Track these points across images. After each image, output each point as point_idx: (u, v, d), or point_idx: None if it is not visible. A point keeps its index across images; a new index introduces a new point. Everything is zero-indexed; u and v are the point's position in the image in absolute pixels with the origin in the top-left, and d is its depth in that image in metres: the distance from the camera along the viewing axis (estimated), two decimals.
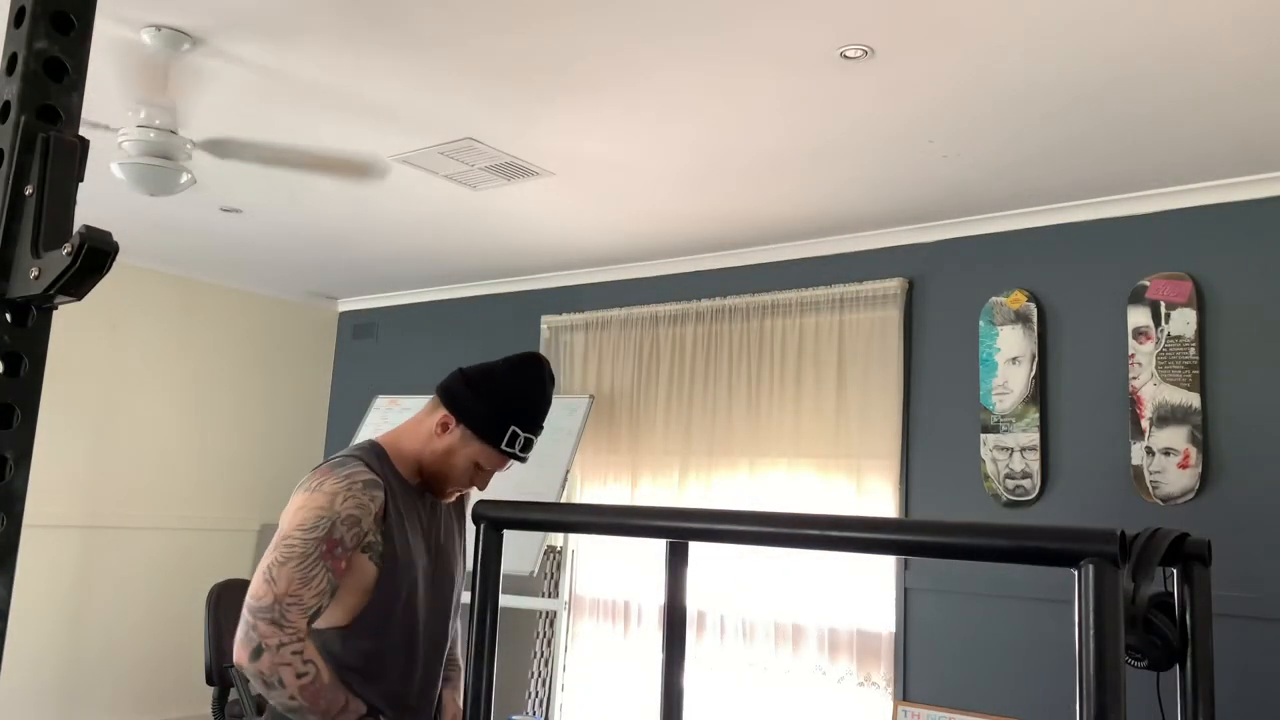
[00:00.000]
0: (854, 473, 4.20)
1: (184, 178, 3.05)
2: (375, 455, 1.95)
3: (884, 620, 4.05)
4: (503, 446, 1.92)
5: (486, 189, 4.00)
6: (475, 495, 4.53)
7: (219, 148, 3.70)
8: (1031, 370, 3.85)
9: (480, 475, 1.98)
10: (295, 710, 1.73)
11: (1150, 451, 3.54)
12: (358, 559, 1.85)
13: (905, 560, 4.02)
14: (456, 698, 2.13)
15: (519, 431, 1.92)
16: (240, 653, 1.70)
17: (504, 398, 1.92)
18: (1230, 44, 2.56)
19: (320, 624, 1.88)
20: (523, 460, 1.97)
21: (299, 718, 1.74)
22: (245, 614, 1.73)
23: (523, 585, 5.07)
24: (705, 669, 4.46)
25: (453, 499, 2.05)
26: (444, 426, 1.94)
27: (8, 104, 0.92)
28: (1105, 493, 3.66)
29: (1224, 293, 3.52)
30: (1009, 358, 3.91)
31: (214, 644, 4.04)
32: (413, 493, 1.98)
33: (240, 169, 3.93)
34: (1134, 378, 3.61)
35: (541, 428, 1.98)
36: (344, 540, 1.79)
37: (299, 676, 1.71)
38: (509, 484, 4.76)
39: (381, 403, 5.36)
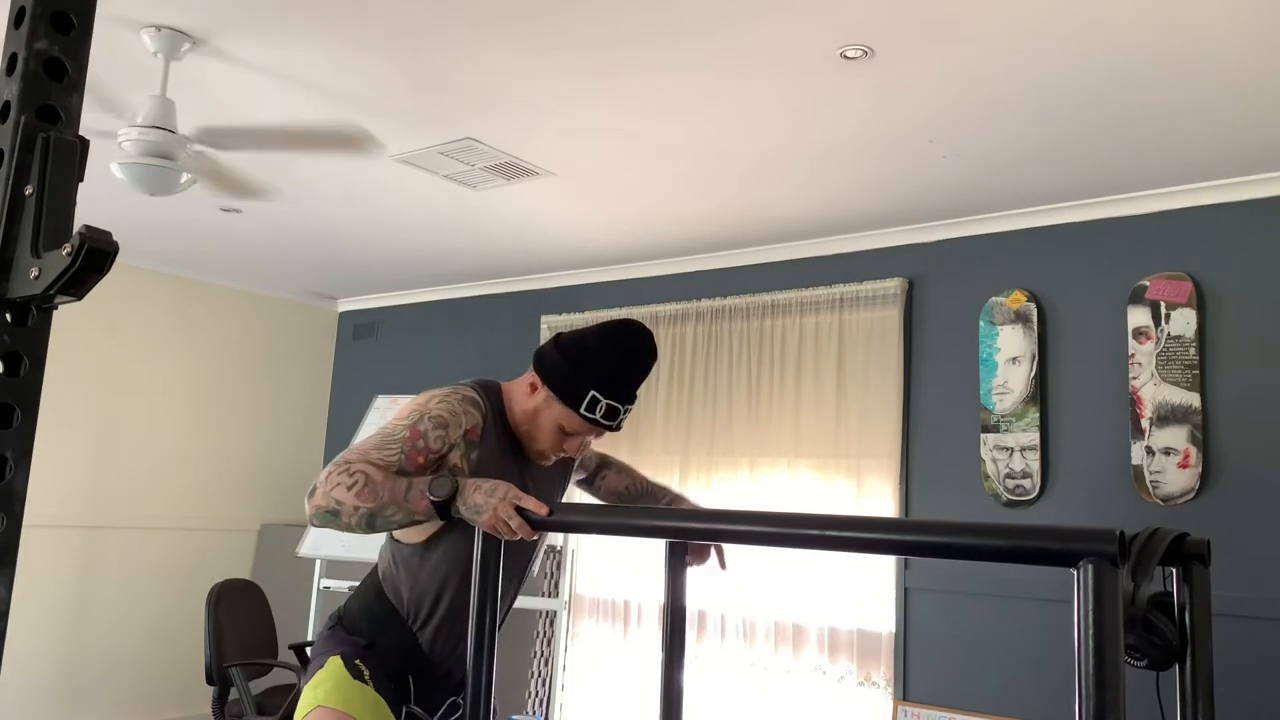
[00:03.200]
0: (854, 473, 4.20)
1: (184, 178, 3.05)
2: (490, 390, 1.98)
3: (884, 620, 4.05)
4: (582, 411, 1.88)
5: (486, 189, 4.01)
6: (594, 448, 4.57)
7: (219, 146, 3.70)
8: (1031, 370, 3.85)
9: (569, 441, 1.95)
10: (371, 517, 1.74)
11: (1150, 451, 3.54)
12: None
13: (905, 560, 4.02)
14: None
15: (600, 397, 1.88)
16: (307, 501, 1.78)
17: (587, 362, 1.89)
18: (1230, 45, 2.56)
19: (402, 538, 1.94)
20: (611, 428, 1.92)
21: (380, 521, 1.75)
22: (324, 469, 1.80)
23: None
24: (705, 669, 4.46)
25: (548, 462, 2.02)
26: (532, 387, 1.95)
27: (8, 104, 0.92)
28: (1105, 493, 3.66)
29: (1224, 293, 3.52)
30: (1009, 358, 3.91)
31: (214, 644, 4.04)
32: (515, 441, 1.99)
33: (240, 167, 3.93)
34: (1134, 378, 3.61)
35: (631, 397, 1.92)
36: (427, 435, 1.84)
37: (350, 488, 1.74)
38: None
39: (382, 403, 5.36)
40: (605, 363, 1.89)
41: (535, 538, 1.80)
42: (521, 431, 1.97)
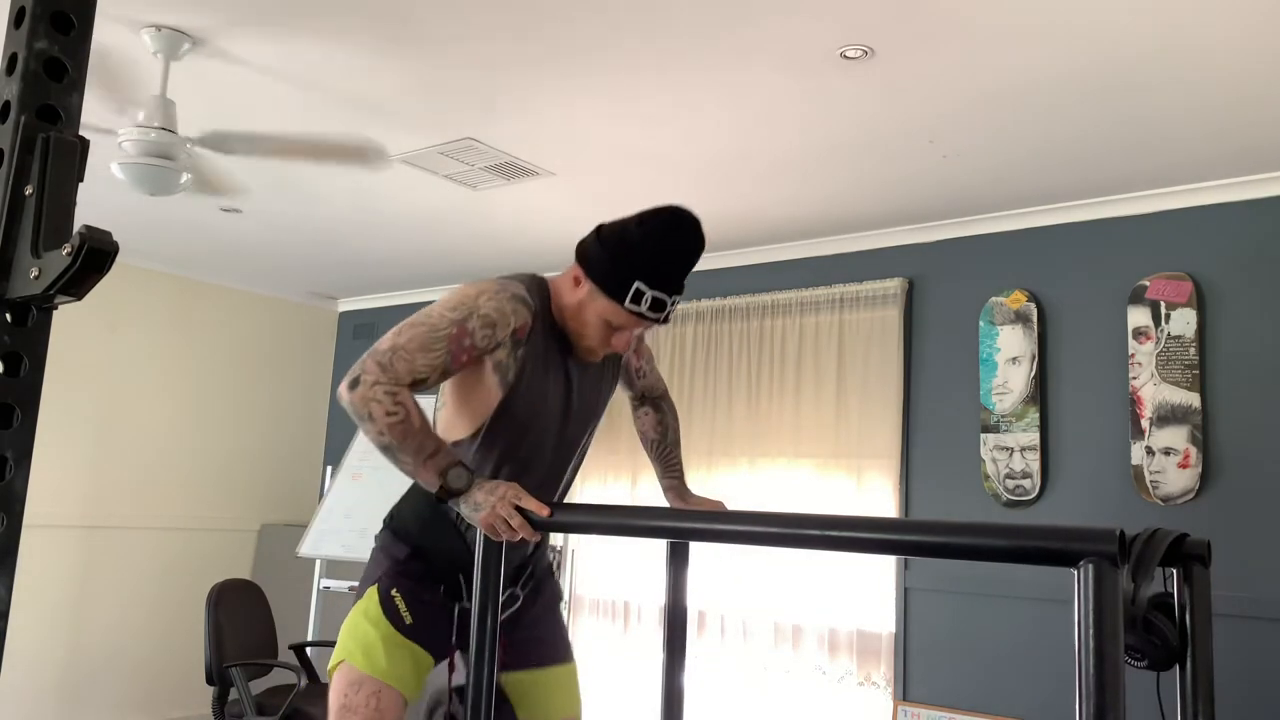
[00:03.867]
0: (854, 472, 4.21)
1: (184, 178, 3.05)
2: (539, 286, 1.92)
3: (884, 620, 4.05)
4: (626, 304, 1.81)
5: (486, 189, 4.01)
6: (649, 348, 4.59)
7: (219, 147, 3.70)
8: (1031, 370, 3.85)
9: (616, 336, 1.88)
10: (386, 449, 1.75)
11: (1150, 451, 3.54)
12: (486, 374, 1.86)
13: (905, 560, 4.02)
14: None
15: (644, 289, 1.79)
16: (342, 384, 1.75)
17: (629, 252, 1.81)
18: (1230, 45, 2.56)
19: (449, 434, 1.94)
20: (658, 321, 1.85)
21: (391, 458, 1.76)
22: (363, 357, 1.77)
23: None
24: (705, 669, 4.46)
25: (596, 359, 1.97)
26: (575, 281, 1.88)
27: (8, 104, 0.92)
28: (1105, 493, 3.66)
29: (1224, 293, 3.52)
30: (1009, 358, 3.91)
31: (214, 644, 4.04)
32: (565, 338, 1.93)
33: (241, 168, 3.93)
34: (1134, 378, 3.61)
35: (678, 287, 1.83)
36: (474, 334, 1.79)
37: (388, 414, 1.72)
38: None
39: None
40: (648, 252, 1.80)
41: (536, 539, 1.78)
42: (569, 328, 1.90)
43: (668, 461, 2.25)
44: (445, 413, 1.97)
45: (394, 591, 1.93)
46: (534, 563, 2.11)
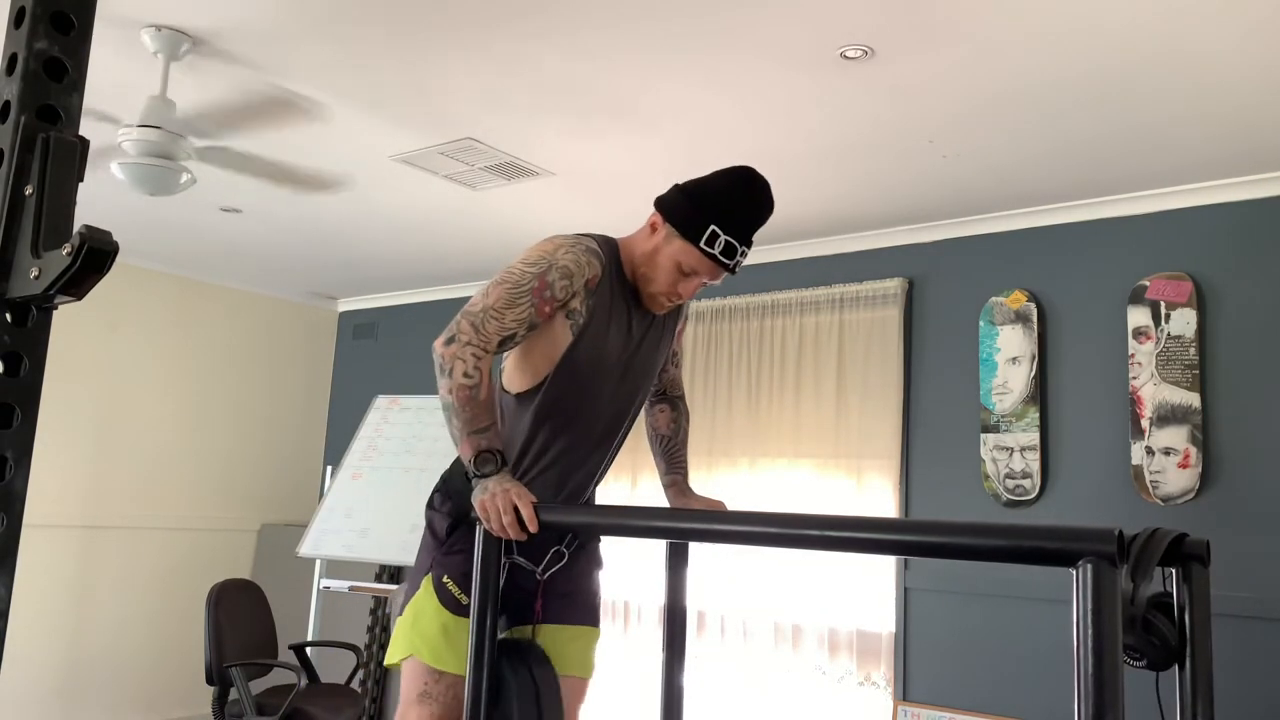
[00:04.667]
0: (854, 472, 4.21)
1: (184, 178, 3.05)
2: (609, 243, 2.03)
3: (884, 620, 4.05)
4: (701, 244, 1.92)
5: (486, 189, 4.01)
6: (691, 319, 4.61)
7: (218, 147, 3.70)
8: (1031, 370, 3.85)
9: (685, 282, 1.98)
10: (446, 408, 1.85)
11: (1150, 451, 3.55)
12: (558, 320, 1.94)
13: (905, 560, 4.02)
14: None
15: (719, 232, 1.92)
16: (439, 338, 1.87)
17: (708, 198, 1.93)
18: (1230, 44, 2.56)
19: (509, 385, 2.02)
20: (728, 268, 1.95)
21: (446, 418, 1.86)
22: (458, 316, 1.88)
23: None
24: (705, 669, 4.46)
25: (665, 310, 2.07)
26: (652, 227, 1.99)
27: (8, 104, 0.92)
28: (1105, 493, 3.66)
29: (1224, 293, 3.53)
30: (1009, 358, 3.91)
31: (214, 644, 4.04)
32: (630, 294, 2.03)
33: (240, 168, 3.93)
34: (1134, 378, 3.61)
35: (748, 238, 1.96)
36: (553, 286, 1.90)
37: (465, 376, 1.84)
38: None
39: (381, 403, 5.36)
40: (726, 200, 1.93)
41: (521, 538, 1.80)
42: (639, 274, 2.00)
43: (674, 458, 2.31)
44: (509, 365, 2.04)
45: (445, 579, 2.00)
46: (585, 538, 2.16)
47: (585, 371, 1.97)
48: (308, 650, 4.41)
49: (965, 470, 3.98)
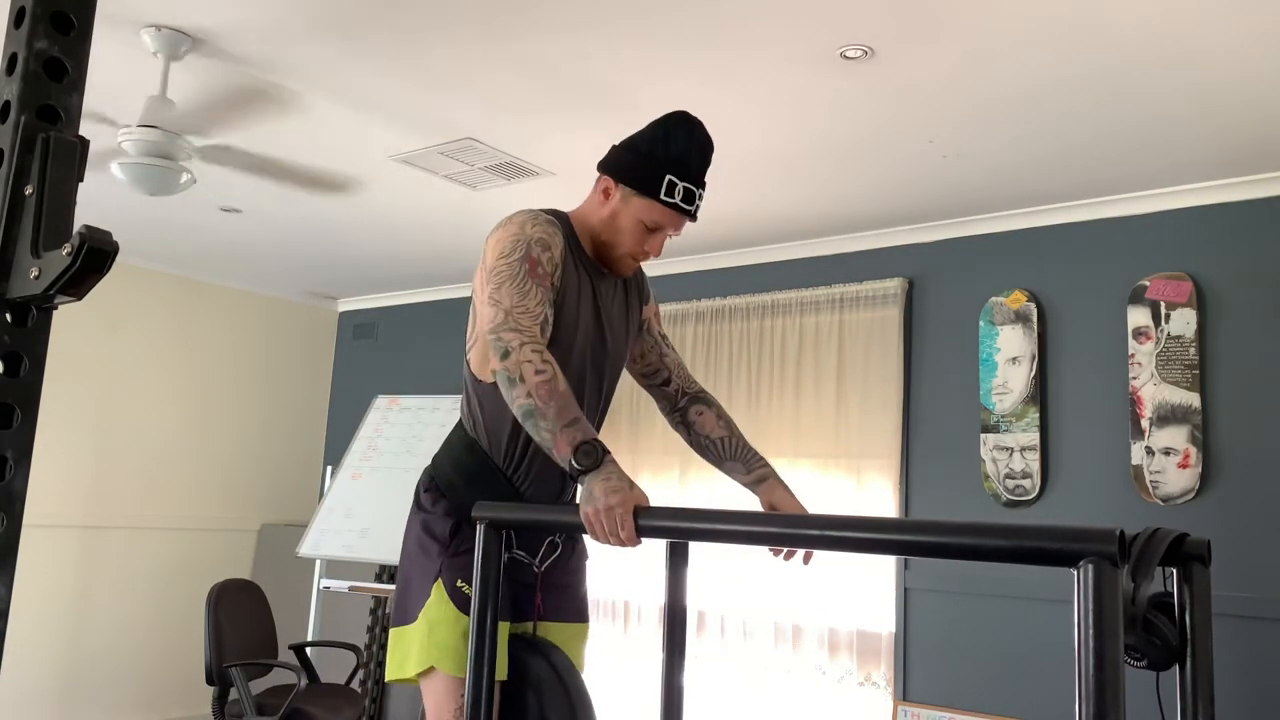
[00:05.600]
0: (854, 472, 4.21)
1: (184, 178, 3.05)
2: (558, 213, 1.98)
3: (884, 620, 4.05)
4: (662, 197, 1.89)
5: (486, 189, 4.01)
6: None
7: (218, 147, 3.70)
8: (1031, 370, 3.85)
9: (651, 239, 1.95)
10: (529, 414, 1.71)
11: (1150, 451, 3.54)
12: None
13: (905, 560, 4.02)
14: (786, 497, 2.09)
15: (676, 180, 1.89)
16: (493, 360, 1.76)
17: (655, 149, 1.90)
18: (1230, 44, 2.56)
19: (483, 375, 1.93)
20: (689, 215, 1.93)
21: (531, 425, 1.71)
22: (489, 335, 1.79)
23: None
24: (705, 669, 4.46)
25: (631, 272, 2.03)
26: (605, 193, 1.95)
27: (8, 104, 0.92)
28: (1105, 493, 3.66)
29: (1224, 293, 3.52)
30: (1009, 358, 3.91)
31: (214, 644, 4.04)
32: (589, 264, 1.98)
33: (240, 168, 3.93)
34: (1134, 378, 3.61)
35: (702, 180, 1.93)
36: (540, 259, 1.85)
37: (538, 373, 1.73)
38: None
39: (381, 403, 5.36)
40: (673, 147, 1.90)
41: (638, 545, 1.69)
42: (600, 242, 1.96)
43: (748, 455, 2.14)
44: (476, 351, 1.96)
45: (459, 583, 1.88)
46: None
47: (564, 345, 1.91)
48: (308, 650, 4.41)
49: (965, 470, 3.98)
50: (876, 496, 4.14)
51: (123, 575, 5.47)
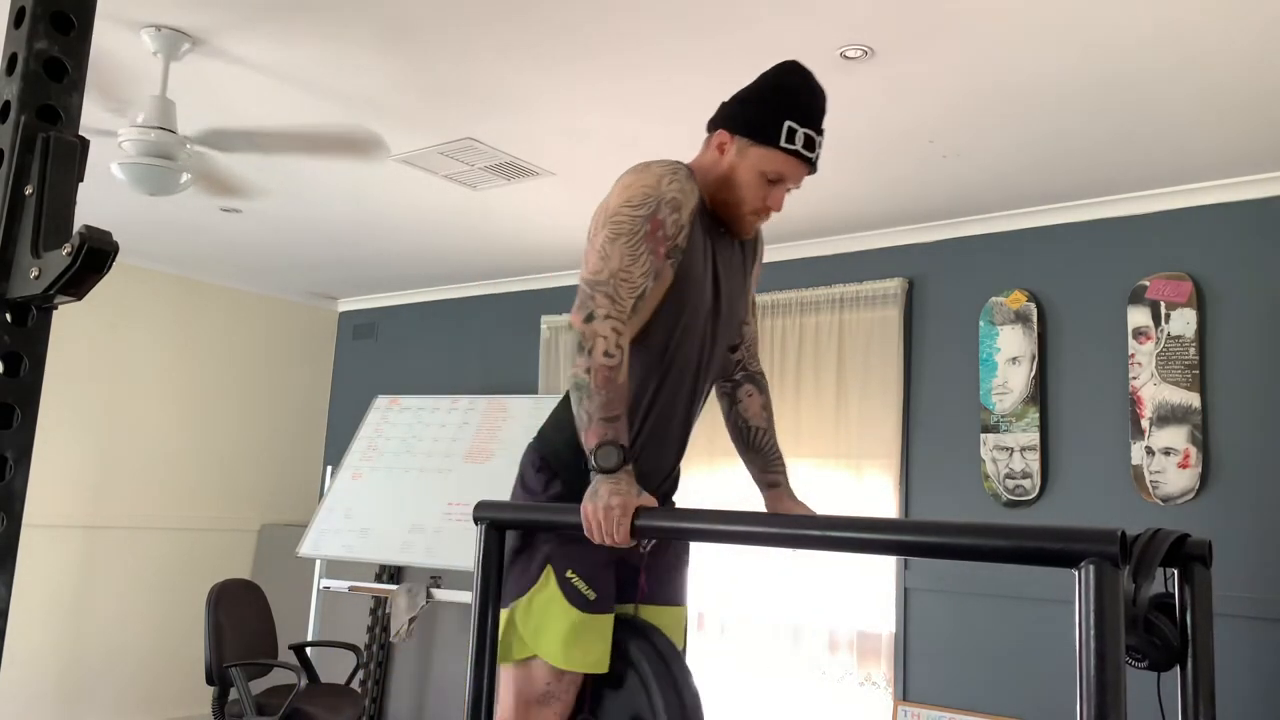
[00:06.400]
0: (854, 472, 4.21)
1: (184, 178, 3.05)
2: (688, 167, 1.87)
3: (884, 620, 4.05)
4: (782, 144, 1.81)
5: (486, 189, 4.00)
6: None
7: (219, 146, 3.70)
8: (1031, 370, 3.85)
9: (773, 191, 1.86)
10: (580, 387, 1.70)
11: (1150, 451, 3.54)
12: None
13: (905, 560, 4.02)
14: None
15: (796, 126, 1.81)
16: (576, 315, 1.72)
17: (770, 96, 1.83)
18: (1230, 44, 2.56)
19: None
20: (810, 163, 1.85)
21: (576, 399, 1.70)
22: (584, 286, 1.74)
23: None
24: (705, 669, 4.46)
25: (751, 233, 1.95)
26: (721, 147, 1.87)
27: (8, 104, 0.92)
28: (1105, 493, 3.66)
29: (1224, 293, 3.52)
30: (1009, 358, 3.91)
31: (214, 644, 4.04)
32: (711, 226, 1.90)
33: (241, 167, 3.93)
34: (1134, 378, 3.61)
35: (821, 127, 1.86)
36: (666, 224, 1.76)
37: (606, 355, 1.69)
38: (506, 486, 4.75)
39: (381, 403, 5.36)
40: (788, 92, 1.83)
41: (630, 544, 1.69)
42: (719, 200, 1.87)
43: (771, 454, 2.10)
44: None
45: (569, 573, 1.82)
46: (674, 492, 2.05)
47: (688, 312, 1.84)
48: (308, 650, 4.41)
49: (965, 470, 3.98)
50: (876, 496, 4.14)
51: (123, 575, 5.47)
